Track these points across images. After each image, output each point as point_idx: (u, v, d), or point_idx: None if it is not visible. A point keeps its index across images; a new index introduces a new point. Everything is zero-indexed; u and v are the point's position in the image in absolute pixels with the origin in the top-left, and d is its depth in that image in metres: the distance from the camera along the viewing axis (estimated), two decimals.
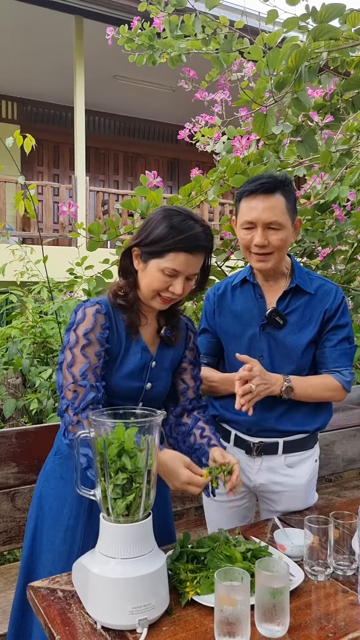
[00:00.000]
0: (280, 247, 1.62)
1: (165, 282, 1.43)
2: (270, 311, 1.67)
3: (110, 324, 1.46)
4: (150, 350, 1.53)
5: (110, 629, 1.14)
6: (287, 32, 1.98)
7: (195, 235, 1.40)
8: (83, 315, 1.44)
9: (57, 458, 1.56)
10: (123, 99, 10.03)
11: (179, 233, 1.39)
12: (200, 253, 1.44)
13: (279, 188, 1.59)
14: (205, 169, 2.81)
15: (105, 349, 1.44)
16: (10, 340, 3.33)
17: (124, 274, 1.52)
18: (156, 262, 1.42)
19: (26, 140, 2.52)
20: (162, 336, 1.55)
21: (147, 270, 1.44)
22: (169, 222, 1.40)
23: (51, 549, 1.48)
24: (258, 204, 1.59)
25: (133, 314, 1.49)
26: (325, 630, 1.16)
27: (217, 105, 2.90)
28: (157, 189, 2.47)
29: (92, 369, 1.40)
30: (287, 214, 1.61)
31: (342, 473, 3.26)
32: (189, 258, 1.41)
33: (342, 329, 1.70)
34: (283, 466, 1.73)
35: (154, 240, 1.41)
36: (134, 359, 1.49)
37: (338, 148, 2.42)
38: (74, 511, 1.48)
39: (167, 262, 1.40)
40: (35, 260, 3.45)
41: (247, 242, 1.64)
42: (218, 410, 1.82)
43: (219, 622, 1.09)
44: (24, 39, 7.86)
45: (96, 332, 1.43)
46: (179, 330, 1.60)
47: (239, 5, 2.58)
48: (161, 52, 2.60)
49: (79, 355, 1.41)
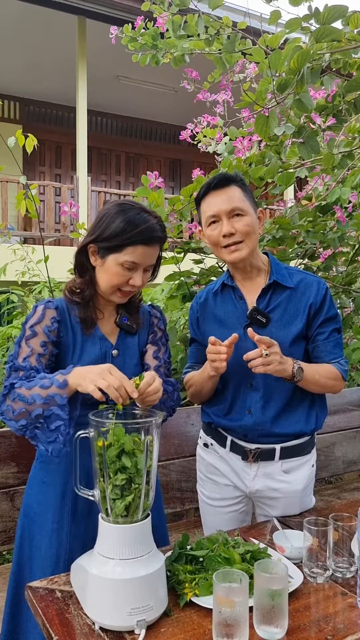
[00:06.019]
0: (248, 233, 1.63)
1: (125, 276, 1.47)
2: (251, 310, 1.66)
3: (62, 317, 1.50)
4: (109, 340, 1.55)
5: (108, 630, 1.14)
6: (290, 33, 1.98)
7: (151, 227, 1.45)
8: (33, 312, 1.50)
9: (38, 463, 1.56)
10: (125, 100, 10.04)
11: (135, 227, 1.43)
12: (157, 244, 1.49)
13: (232, 181, 1.65)
14: (207, 170, 2.82)
15: (53, 341, 1.47)
16: (11, 340, 3.34)
17: (80, 272, 1.55)
18: (114, 257, 1.45)
19: (28, 140, 2.52)
20: (119, 324, 1.57)
21: (106, 266, 1.47)
22: (124, 216, 1.44)
23: (38, 554, 1.47)
24: (216, 197, 1.64)
25: (88, 310, 1.52)
26: (324, 633, 1.15)
27: (219, 106, 2.90)
28: (159, 189, 2.47)
29: (34, 356, 1.44)
30: (247, 202, 1.65)
31: (342, 475, 3.26)
32: (146, 250, 1.46)
33: (332, 320, 1.71)
34: (280, 472, 1.71)
35: (111, 235, 1.44)
36: (93, 350, 1.52)
37: (340, 150, 2.42)
38: (56, 515, 1.48)
39: (126, 256, 1.44)
40: (36, 260, 3.45)
41: (215, 237, 1.65)
42: (212, 418, 1.79)
43: (217, 624, 1.08)
44: (26, 39, 7.86)
45: (42, 325, 1.47)
46: (139, 317, 1.62)
47: (242, 6, 2.58)
48: (164, 52, 2.60)
49: (24, 346, 1.45)
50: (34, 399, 1.32)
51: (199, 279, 2.86)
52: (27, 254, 3.87)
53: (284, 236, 2.71)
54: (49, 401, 1.31)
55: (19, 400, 1.34)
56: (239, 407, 1.72)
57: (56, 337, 1.48)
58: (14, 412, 1.35)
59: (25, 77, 9.10)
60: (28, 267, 3.93)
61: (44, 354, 1.45)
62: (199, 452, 1.89)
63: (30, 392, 1.34)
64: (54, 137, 10.17)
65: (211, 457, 1.82)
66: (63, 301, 1.53)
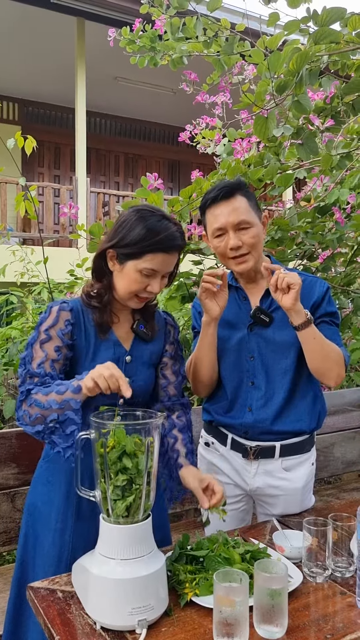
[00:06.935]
0: (254, 245, 1.65)
1: (143, 283, 1.46)
2: (255, 310, 1.69)
3: (76, 320, 1.49)
4: (123, 345, 1.54)
5: (109, 630, 1.15)
6: (289, 35, 1.99)
7: (171, 235, 1.44)
8: (48, 314, 1.48)
9: (44, 462, 1.57)
10: (124, 101, 10.04)
11: (155, 234, 1.42)
12: (176, 251, 1.49)
13: (237, 190, 1.64)
14: (206, 171, 2.82)
15: (67, 345, 1.46)
16: (11, 341, 3.34)
17: (97, 276, 1.54)
18: (133, 263, 1.44)
19: (27, 142, 2.52)
20: (135, 331, 1.57)
21: (124, 272, 1.46)
22: (144, 223, 1.43)
23: (42, 553, 1.48)
24: (222, 209, 1.63)
25: (105, 314, 1.51)
26: (323, 632, 1.16)
27: (218, 107, 2.91)
28: (158, 190, 2.47)
29: (49, 362, 1.43)
30: (252, 212, 1.65)
31: (341, 475, 3.26)
32: (165, 257, 1.45)
33: (332, 316, 1.72)
34: (280, 470, 1.73)
35: (131, 242, 1.43)
36: (107, 354, 1.50)
37: (338, 151, 2.43)
38: (61, 514, 1.48)
39: (145, 263, 1.43)
40: (35, 261, 3.45)
41: (222, 249, 1.66)
42: (212, 416, 1.81)
43: (217, 623, 1.09)
44: (25, 40, 7.87)
45: (57, 328, 1.46)
46: (154, 324, 1.61)
47: (240, 8, 2.59)
48: (162, 54, 2.61)
49: (38, 350, 1.45)
50: (50, 404, 1.34)
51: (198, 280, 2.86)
52: (26, 255, 3.87)
53: (282, 237, 2.72)
54: (64, 406, 1.33)
55: (36, 406, 1.36)
56: (240, 405, 1.74)
57: (70, 339, 1.47)
58: (30, 417, 1.37)
59: (24, 78, 9.10)
60: (27, 268, 3.93)
61: (57, 360, 1.45)
62: (200, 452, 1.90)
63: (46, 397, 1.35)
64: (53, 138, 10.17)
65: (212, 456, 1.83)
66: (79, 303, 1.52)
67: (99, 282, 1.53)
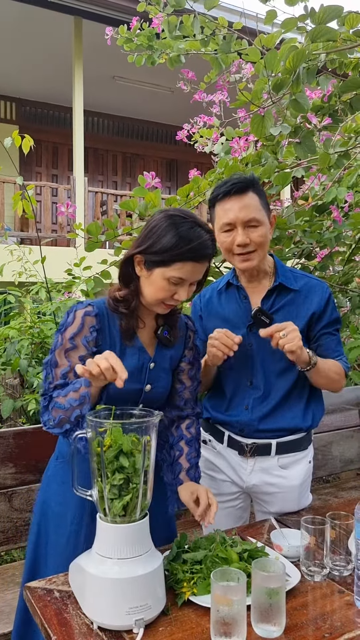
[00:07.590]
0: (261, 244, 1.64)
1: (170, 291, 1.41)
2: (256, 311, 1.67)
3: (101, 326, 1.45)
4: (147, 352, 1.51)
5: (106, 630, 1.14)
6: (286, 32, 1.99)
7: (203, 244, 1.39)
8: (72, 318, 1.43)
9: (58, 462, 1.55)
10: (122, 100, 10.03)
11: (187, 243, 1.37)
12: (206, 260, 1.44)
13: (250, 187, 1.62)
14: (203, 170, 2.81)
15: (92, 352, 1.41)
16: (9, 340, 3.34)
17: (124, 281, 1.49)
18: (161, 271, 1.39)
19: (24, 141, 2.52)
20: (159, 336, 1.54)
21: (152, 279, 1.42)
22: (176, 230, 1.37)
23: (54, 553, 1.47)
24: (233, 204, 1.61)
25: (132, 320, 1.48)
26: (321, 631, 1.16)
27: (215, 106, 2.91)
28: (156, 189, 2.47)
29: (72, 372, 1.41)
30: (262, 210, 1.63)
31: (339, 474, 3.26)
32: (195, 266, 1.40)
33: (335, 322, 1.74)
34: (276, 467, 1.73)
35: (161, 250, 1.37)
36: (131, 361, 1.47)
37: (336, 149, 2.42)
38: (76, 516, 1.47)
39: (174, 272, 1.39)
40: (33, 260, 3.45)
41: (229, 244, 1.64)
42: (210, 413, 1.82)
43: (215, 622, 1.09)
44: (22, 39, 7.85)
45: (82, 335, 1.42)
46: (177, 329, 1.58)
47: (237, 7, 2.59)
48: (160, 52, 2.60)
49: (62, 358, 1.42)
50: (70, 403, 1.34)
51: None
52: (24, 254, 3.87)
53: (280, 236, 2.72)
54: (83, 401, 1.34)
55: (57, 408, 1.37)
56: (237, 404, 1.74)
57: (95, 346, 1.43)
58: (55, 420, 1.38)
59: (21, 77, 9.08)
60: (25, 268, 3.93)
61: None
62: None
63: (65, 398, 1.36)
64: (51, 137, 10.15)
65: (209, 454, 1.83)
66: (104, 306, 1.47)
67: (127, 288, 1.47)
